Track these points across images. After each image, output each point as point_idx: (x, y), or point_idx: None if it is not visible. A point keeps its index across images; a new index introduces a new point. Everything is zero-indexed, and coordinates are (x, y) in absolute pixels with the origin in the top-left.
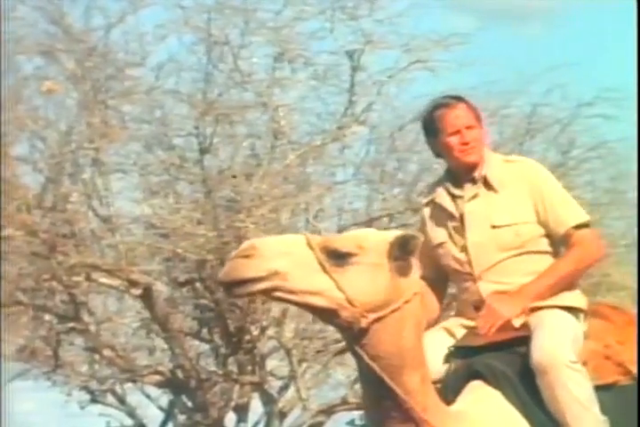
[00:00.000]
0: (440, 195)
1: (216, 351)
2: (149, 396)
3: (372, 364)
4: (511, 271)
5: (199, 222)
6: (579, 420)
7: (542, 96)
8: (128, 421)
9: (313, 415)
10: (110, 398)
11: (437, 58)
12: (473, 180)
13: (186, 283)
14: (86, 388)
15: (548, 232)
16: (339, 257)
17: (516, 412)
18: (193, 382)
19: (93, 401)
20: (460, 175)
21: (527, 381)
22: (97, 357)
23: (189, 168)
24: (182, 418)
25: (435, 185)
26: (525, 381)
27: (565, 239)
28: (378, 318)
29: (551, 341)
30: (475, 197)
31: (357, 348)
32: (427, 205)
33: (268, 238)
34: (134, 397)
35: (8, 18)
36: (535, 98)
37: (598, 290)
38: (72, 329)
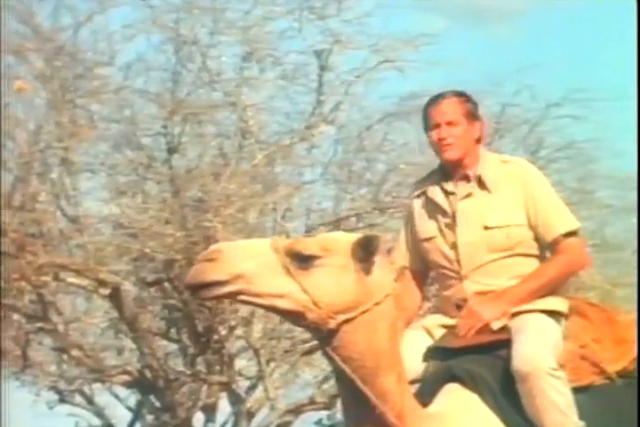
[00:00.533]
0: (432, 189)
1: (184, 351)
2: (118, 396)
3: (344, 366)
4: (498, 273)
5: (167, 222)
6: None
7: (511, 96)
8: (96, 421)
9: (281, 415)
10: (79, 398)
11: (406, 58)
12: (467, 178)
13: (154, 283)
14: (55, 388)
15: (537, 236)
16: (303, 260)
17: (494, 416)
18: (161, 382)
19: (62, 401)
20: (450, 171)
21: (505, 385)
22: (65, 357)
23: (157, 168)
24: (150, 418)
25: (427, 178)
26: (504, 385)
27: (552, 245)
28: (347, 320)
29: (533, 347)
30: (468, 196)
31: (329, 349)
32: (417, 197)
33: (234, 242)
34: (102, 397)
35: None
36: (504, 98)
37: (567, 290)
38: (40, 329)
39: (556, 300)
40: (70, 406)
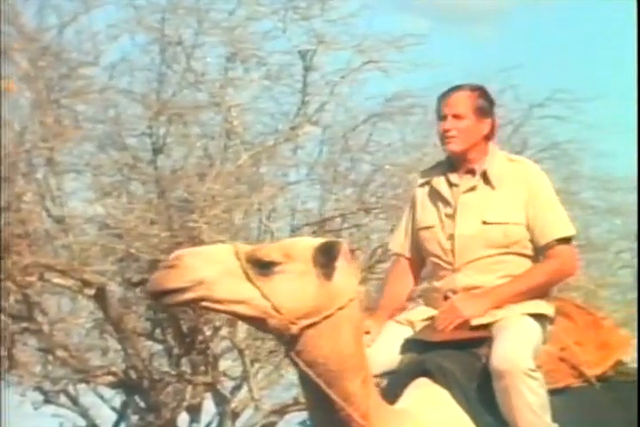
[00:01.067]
0: (437, 179)
1: (169, 352)
2: (102, 396)
3: (308, 370)
4: (490, 270)
5: (152, 222)
6: (530, 426)
7: (494, 97)
8: (81, 421)
9: (265, 416)
10: (63, 398)
11: (390, 58)
12: (472, 171)
13: (139, 283)
14: (40, 388)
15: (532, 238)
16: (264, 266)
17: (461, 411)
18: (146, 382)
19: (47, 402)
20: (456, 164)
21: (478, 382)
22: (50, 357)
23: (142, 168)
24: (135, 419)
25: (433, 168)
26: (476, 382)
27: (545, 249)
28: (310, 325)
29: (513, 346)
30: (471, 190)
31: (292, 354)
32: (421, 186)
33: (195, 248)
34: (87, 397)
35: None
36: None
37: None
38: (25, 329)
39: (543, 303)
40: (55, 406)
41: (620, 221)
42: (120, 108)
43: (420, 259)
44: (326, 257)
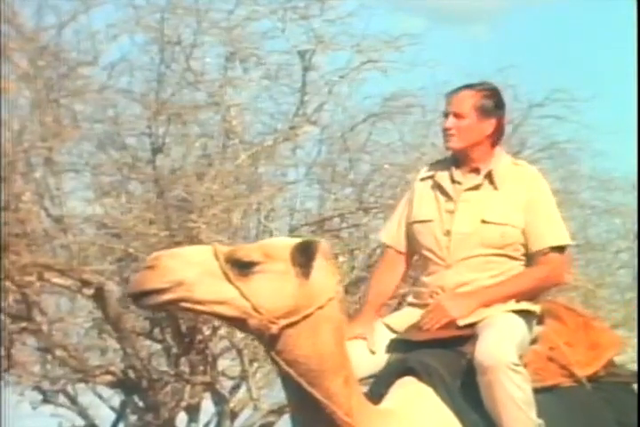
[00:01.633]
0: (442, 174)
1: (168, 351)
2: (101, 396)
3: (289, 370)
4: (481, 269)
5: (151, 222)
6: (514, 421)
7: None
8: (80, 421)
9: (264, 415)
10: (62, 398)
11: (388, 58)
12: (476, 170)
13: None
14: (38, 388)
15: (526, 243)
16: (243, 266)
17: (446, 409)
18: (144, 382)
19: (45, 401)
20: (460, 162)
21: (463, 380)
22: (49, 357)
23: (141, 168)
24: (134, 418)
25: (438, 163)
26: (461, 379)
27: (537, 256)
28: (289, 324)
29: (496, 341)
30: (474, 188)
31: (273, 354)
32: (422, 180)
33: (175, 249)
34: (86, 397)
35: None
36: None
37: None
38: (24, 329)
39: (527, 302)
40: (54, 406)
41: (619, 220)
42: (119, 107)
43: (411, 252)
44: (304, 256)
